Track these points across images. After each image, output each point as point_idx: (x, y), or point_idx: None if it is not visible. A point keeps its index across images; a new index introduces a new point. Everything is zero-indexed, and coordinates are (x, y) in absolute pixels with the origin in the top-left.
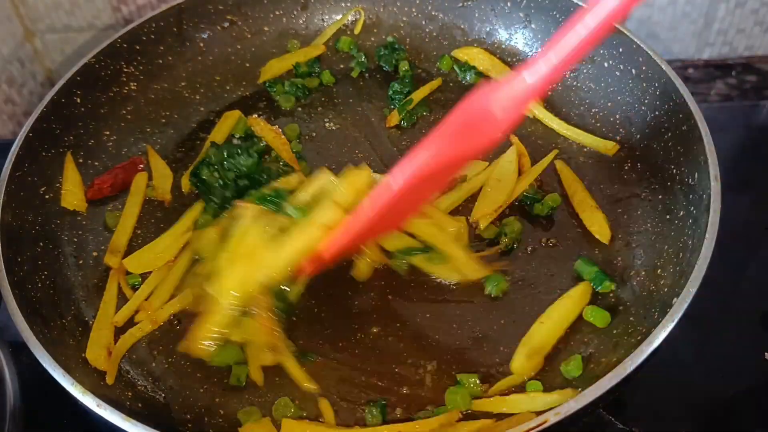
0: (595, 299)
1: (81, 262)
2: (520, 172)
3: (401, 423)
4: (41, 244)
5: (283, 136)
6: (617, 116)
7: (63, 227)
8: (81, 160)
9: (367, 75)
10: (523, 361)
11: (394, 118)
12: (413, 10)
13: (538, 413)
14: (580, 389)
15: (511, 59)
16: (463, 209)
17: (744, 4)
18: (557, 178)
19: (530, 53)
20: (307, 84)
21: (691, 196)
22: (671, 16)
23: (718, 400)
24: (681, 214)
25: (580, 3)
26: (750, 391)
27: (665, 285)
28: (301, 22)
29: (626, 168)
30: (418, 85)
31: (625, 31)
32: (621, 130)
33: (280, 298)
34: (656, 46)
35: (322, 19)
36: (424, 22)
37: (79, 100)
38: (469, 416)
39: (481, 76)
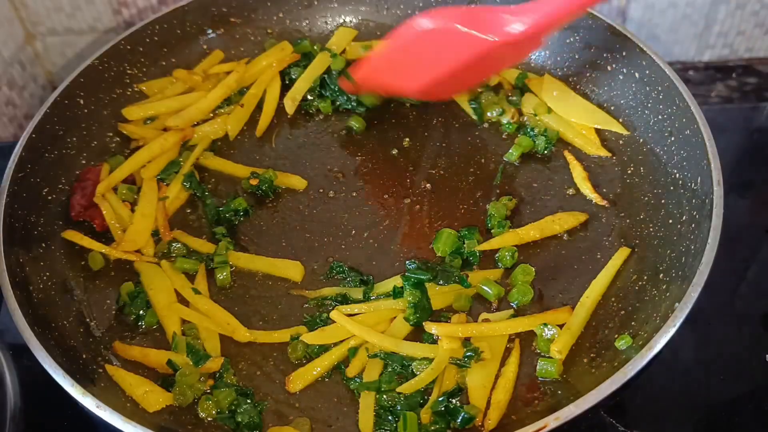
0: None
1: (83, 263)
2: None
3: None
4: (43, 245)
5: None
6: (620, 120)
7: (65, 228)
8: (83, 162)
9: None
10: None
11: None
12: (416, 12)
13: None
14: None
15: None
16: None
17: (744, 6)
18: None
19: (533, 55)
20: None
21: (693, 201)
22: (672, 18)
23: (720, 403)
24: (684, 218)
25: None
26: (751, 393)
27: (667, 289)
28: (304, 24)
29: (629, 172)
30: None
31: (629, 35)
32: (624, 133)
33: None
34: (657, 48)
35: (326, 22)
36: None
37: (82, 102)
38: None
39: None
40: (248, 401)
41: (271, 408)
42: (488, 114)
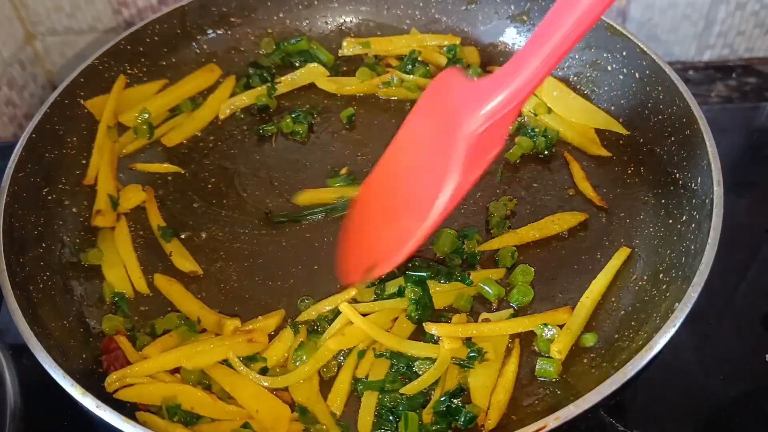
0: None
1: (83, 263)
2: None
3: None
4: (43, 245)
5: None
6: (620, 120)
7: (65, 228)
8: (84, 162)
9: None
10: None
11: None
12: (417, 12)
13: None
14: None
15: None
16: None
17: (744, 6)
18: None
19: None
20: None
21: (694, 201)
22: (672, 18)
23: (720, 403)
24: (684, 218)
25: None
26: (751, 393)
27: (667, 290)
28: (305, 24)
29: (629, 172)
30: None
31: (629, 35)
32: (624, 133)
33: None
34: (657, 48)
35: (326, 22)
36: (427, 26)
37: (82, 102)
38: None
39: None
40: None
41: None
42: None
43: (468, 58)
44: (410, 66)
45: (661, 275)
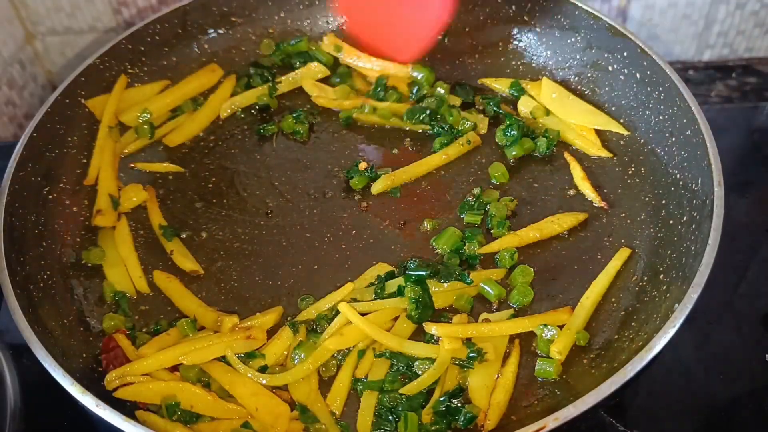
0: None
1: (83, 262)
2: None
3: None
4: (43, 244)
5: None
6: (621, 120)
7: (65, 228)
8: (84, 161)
9: None
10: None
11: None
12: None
13: None
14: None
15: (516, 62)
16: None
17: (744, 5)
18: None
19: (535, 56)
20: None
21: (694, 201)
22: (672, 18)
23: (719, 402)
24: (684, 219)
25: (583, 6)
26: (751, 393)
27: (667, 290)
28: (306, 23)
29: (630, 172)
30: None
31: (630, 35)
32: (624, 134)
33: None
34: (657, 48)
35: (327, 22)
36: None
37: (83, 101)
38: None
39: None
40: None
41: None
42: (460, 128)
43: None
44: (382, 92)
45: (662, 276)
